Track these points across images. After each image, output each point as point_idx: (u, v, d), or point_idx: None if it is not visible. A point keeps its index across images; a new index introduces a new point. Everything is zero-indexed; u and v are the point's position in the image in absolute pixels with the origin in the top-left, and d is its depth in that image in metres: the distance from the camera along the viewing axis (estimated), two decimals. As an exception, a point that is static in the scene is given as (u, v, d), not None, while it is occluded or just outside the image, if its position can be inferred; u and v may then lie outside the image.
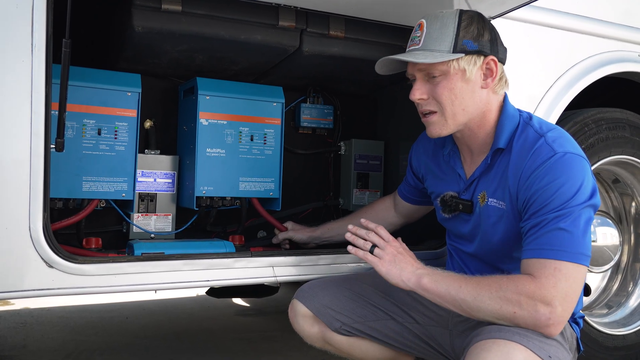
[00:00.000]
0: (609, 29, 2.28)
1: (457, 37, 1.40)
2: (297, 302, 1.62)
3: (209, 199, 1.94)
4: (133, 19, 1.63)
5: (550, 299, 1.23)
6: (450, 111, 1.44)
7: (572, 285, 1.25)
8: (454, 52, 1.40)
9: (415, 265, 1.45)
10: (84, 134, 1.74)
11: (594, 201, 1.32)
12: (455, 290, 1.33)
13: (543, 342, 1.25)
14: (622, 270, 2.54)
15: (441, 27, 1.42)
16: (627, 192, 2.53)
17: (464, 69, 1.42)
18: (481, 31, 1.44)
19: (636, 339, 2.33)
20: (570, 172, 1.33)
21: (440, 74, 1.42)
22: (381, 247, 1.49)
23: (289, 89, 2.22)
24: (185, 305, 3.53)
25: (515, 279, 1.29)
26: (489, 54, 1.44)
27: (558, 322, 1.25)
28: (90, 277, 1.43)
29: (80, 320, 3.07)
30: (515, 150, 1.43)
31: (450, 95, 1.43)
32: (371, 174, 2.33)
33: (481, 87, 1.46)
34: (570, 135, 1.44)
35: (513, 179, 1.41)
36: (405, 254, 1.49)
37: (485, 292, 1.29)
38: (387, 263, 1.46)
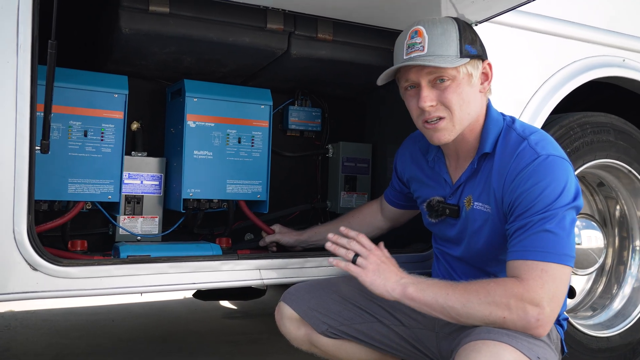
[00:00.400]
0: (595, 34, 2.31)
1: (461, 41, 1.42)
2: (283, 305, 1.62)
3: (196, 202, 1.93)
4: (120, 21, 1.62)
5: (539, 300, 1.25)
6: (458, 116, 1.44)
7: (558, 286, 1.27)
8: (461, 56, 1.41)
9: (399, 274, 1.43)
10: (70, 136, 1.73)
11: (577, 203, 1.35)
12: (443, 298, 1.32)
13: (531, 343, 1.27)
14: (606, 272, 2.57)
15: (443, 32, 1.42)
16: (611, 196, 2.56)
17: (471, 73, 1.44)
18: (474, 37, 1.47)
19: (620, 341, 2.35)
20: (553, 174, 1.35)
21: (449, 78, 1.42)
22: (364, 257, 1.46)
23: (277, 91, 2.23)
24: (173, 307, 3.51)
25: (502, 283, 1.29)
26: (485, 58, 1.48)
27: (547, 322, 1.26)
28: (75, 279, 1.42)
29: (66, 323, 3.04)
30: (499, 154, 1.44)
31: (459, 100, 1.43)
32: (359, 177, 2.34)
33: (479, 92, 1.48)
34: (552, 138, 1.46)
35: (497, 182, 1.42)
36: (388, 262, 1.46)
37: (473, 298, 1.29)
38: (371, 273, 1.43)
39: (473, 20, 1.82)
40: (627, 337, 2.37)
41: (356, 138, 2.42)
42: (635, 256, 2.52)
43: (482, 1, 1.68)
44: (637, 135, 2.41)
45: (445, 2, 1.71)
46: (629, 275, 2.51)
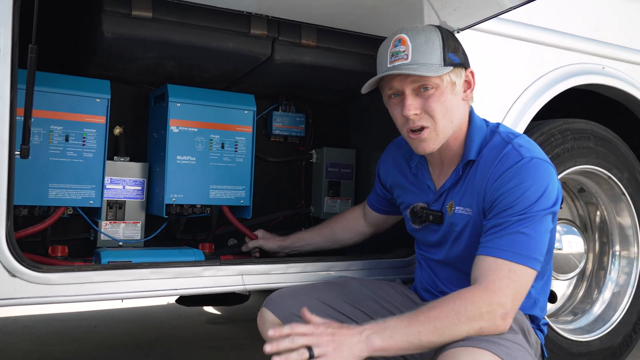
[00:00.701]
0: (575, 42, 2.34)
1: (444, 50, 1.43)
2: (265, 311, 1.61)
3: (179, 207, 1.92)
4: (103, 25, 1.62)
5: (504, 299, 1.28)
6: (441, 125, 1.45)
7: (523, 286, 1.31)
8: (444, 65, 1.42)
9: (356, 331, 1.27)
10: (51, 141, 1.71)
11: (555, 208, 1.38)
12: (416, 337, 1.25)
13: (510, 349, 1.27)
14: (587, 277, 2.59)
15: (426, 41, 1.43)
16: (592, 201, 2.59)
17: (454, 82, 1.45)
18: (457, 45, 1.48)
19: (600, 345, 2.38)
20: (535, 176, 1.37)
21: (433, 87, 1.42)
22: (315, 344, 1.24)
23: (261, 96, 2.23)
24: (156, 313, 3.48)
25: (468, 296, 1.28)
26: (468, 66, 1.49)
27: (510, 317, 1.30)
28: (54, 286, 1.41)
29: (47, 329, 3.01)
30: (484, 158, 1.46)
31: (442, 108, 1.43)
32: (342, 182, 2.34)
33: (462, 99, 1.49)
34: (535, 143, 1.49)
35: (480, 183, 1.44)
36: (337, 329, 1.28)
37: (446, 324, 1.25)
38: (335, 353, 1.23)
39: (455, 27, 1.84)
40: (607, 342, 2.40)
41: (340, 143, 2.43)
42: (615, 261, 2.55)
43: (464, 9, 1.70)
44: (617, 142, 2.45)
45: (428, 10, 1.72)
46: (609, 280, 2.54)
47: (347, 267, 1.83)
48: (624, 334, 2.45)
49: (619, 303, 2.49)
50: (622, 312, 2.46)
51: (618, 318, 2.45)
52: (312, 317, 1.32)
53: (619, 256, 2.56)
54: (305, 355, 1.23)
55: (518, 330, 1.39)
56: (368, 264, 1.87)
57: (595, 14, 2.44)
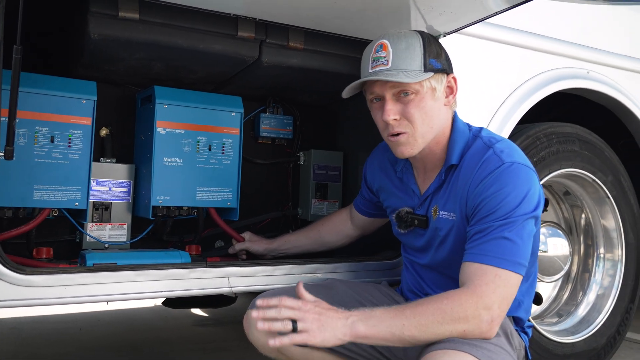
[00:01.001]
0: (560, 46, 2.37)
1: (425, 56, 1.43)
2: (252, 313, 1.61)
3: (165, 209, 1.92)
4: (89, 26, 1.61)
5: (491, 304, 1.29)
6: (420, 130, 1.46)
7: (509, 291, 1.32)
8: (424, 71, 1.43)
9: (342, 315, 1.30)
10: (36, 142, 1.70)
11: (537, 212, 1.39)
12: (399, 329, 1.27)
13: (491, 351, 1.29)
14: (572, 280, 2.62)
15: (407, 46, 1.44)
16: (577, 204, 2.62)
17: (435, 88, 1.45)
18: (440, 51, 1.49)
19: (584, 346, 2.40)
20: (516, 181, 1.38)
21: (413, 92, 1.44)
22: (301, 319, 1.29)
23: (249, 98, 2.23)
24: (143, 315, 3.47)
25: (455, 297, 1.30)
26: (450, 72, 1.50)
27: (497, 323, 1.31)
28: (38, 288, 1.40)
29: (33, 331, 2.99)
30: (466, 163, 1.47)
31: (421, 114, 1.45)
32: (330, 185, 2.35)
33: (444, 105, 1.50)
34: (518, 147, 1.50)
35: (463, 189, 1.45)
36: (325, 310, 1.31)
37: (431, 321, 1.27)
38: (318, 331, 1.27)
39: (442, 31, 1.85)
40: (591, 343, 2.42)
41: (327, 146, 2.44)
42: (600, 264, 2.58)
43: (450, 13, 1.72)
44: (601, 145, 2.47)
45: (415, 13, 1.73)
46: (594, 282, 2.57)
47: (333, 269, 1.83)
48: (608, 335, 2.47)
49: (603, 305, 2.52)
50: (606, 313, 2.49)
51: (602, 320, 2.48)
52: (304, 293, 1.36)
53: (604, 258, 2.59)
54: (289, 327, 1.27)
55: (501, 333, 1.40)
56: (354, 267, 1.87)
57: (581, 19, 2.47)
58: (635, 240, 2.58)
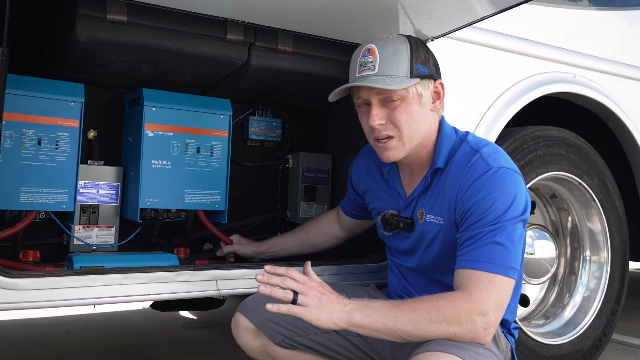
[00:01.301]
0: (547, 51, 2.39)
1: (411, 62, 1.44)
2: (239, 316, 1.61)
3: (153, 211, 1.91)
4: (77, 28, 1.60)
5: (486, 310, 1.29)
6: (407, 135, 1.47)
7: (503, 296, 1.33)
8: (411, 77, 1.44)
9: (342, 302, 1.34)
10: (23, 144, 1.69)
11: (525, 216, 1.40)
12: (393, 321, 1.29)
13: (479, 354, 1.30)
14: (558, 282, 2.64)
15: (395, 52, 1.44)
16: (563, 207, 2.64)
17: (421, 94, 1.46)
18: (427, 56, 1.49)
19: (571, 348, 2.42)
20: (504, 186, 1.39)
21: (399, 98, 1.44)
22: (303, 293, 1.33)
23: (238, 101, 2.23)
24: (131, 318, 3.45)
25: (451, 299, 1.31)
26: (437, 77, 1.50)
27: (492, 330, 1.31)
28: (25, 291, 1.39)
29: (20, 335, 2.96)
30: (453, 167, 1.48)
31: (408, 119, 1.46)
32: (319, 187, 2.35)
33: (431, 110, 1.50)
34: (504, 151, 1.51)
35: (451, 194, 1.46)
36: (328, 292, 1.36)
37: (424, 318, 1.28)
38: (315, 309, 1.31)
39: (429, 35, 1.86)
40: (578, 345, 2.45)
41: (316, 149, 2.44)
42: (586, 266, 2.61)
43: (438, 17, 1.73)
44: (587, 149, 2.50)
45: (403, 18, 1.74)
46: (580, 285, 2.59)
47: (321, 272, 1.83)
48: (594, 337, 2.50)
49: (589, 307, 2.54)
50: (592, 315, 2.52)
51: (588, 322, 2.50)
52: (311, 272, 1.41)
53: (590, 261, 2.61)
54: (290, 297, 1.32)
55: (488, 335, 1.41)
56: (342, 269, 1.88)
57: (567, 24, 2.50)
58: (621, 242, 2.61)
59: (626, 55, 2.69)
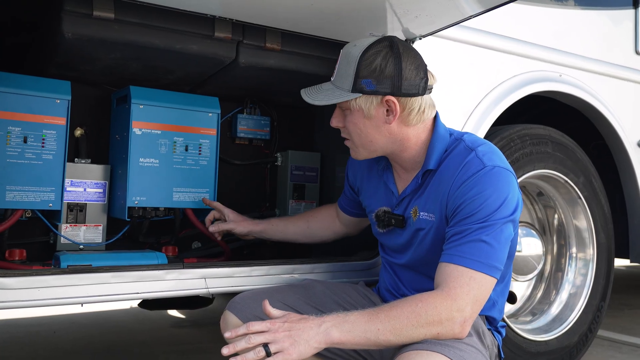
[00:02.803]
0: (533, 50, 2.41)
1: (356, 77, 1.44)
2: (228, 313, 1.61)
3: (141, 210, 1.90)
4: (63, 25, 1.59)
5: (464, 305, 1.31)
6: (358, 142, 1.53)
7: (482, 293, 1.34)
8: (352, 91, 1.45)
9: (314, 324, 1.28)
10: (9, 142, 1.67)
11: (515, 216, 1.41)
12: (374, 334, 1.26)
13: (463, 351, 1.30)
14: (545, 279, 2.67)
15: (346, 64, 1.47)
16: (550, 205, 2.66)
17: (361, 108, 1.47)
18: (384, 68, 1.43)
19: (557, 344, 2.45)
20: (497, 185, 1.40)
21: (347, 108, 1.50)
22: (271, 341, 1.25)
23: (226, 99, 2.22)
24: (118, 317, 3.43)
25: (429, 300, 1.30)
26: (388, 93, 1.43)
27: (469, 324, 1.33)
28: (10, 290, 1.38)
29: (5, 335, 2.94)
30: (447, 166, 1.49)
31: (355, 129, 1.51)
32: (307, 185, 2.35)
33: (385, 122, 1.48)
34: (500, 151, 1.52)
35: (443, 190, 1.47)
36: (295, 322, 1.28)
37: (405, 325, 1.27)
38: (292, 347, 1.24)
39: (417, 34, 1.87)
40: (564, 341, 2.47)
41: (305, 147, 2.44)
42: (572, 263, 2.63)
43: (426, 16, 1.74)
44: (573, 147, 2.53)
45: (391, 16, 1.75)
46: (566, 282, 2.62)
47: (311, 269, 1.84)
48: (580, 333, 2.53)
49: (575, 303, 2.57)
50: (578, 312, 2.54)
51: (575, 318, 2.53)
52: (271, 311, 1.34)
53: (576, 258, 2.64)
54: (262, 354, 1.23)
55: (473, 332, 1.41)
56: (332, 267, 1.88)
57: (554, 23, 2.52)
58: (606, 240, 2.64)
59: (612, 54, 2.72)
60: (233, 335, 1.29)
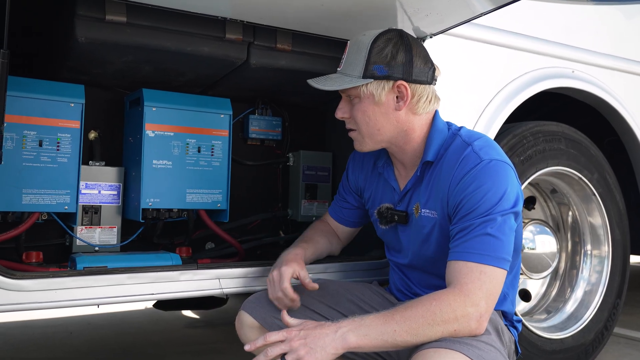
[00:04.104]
0: (546, 46, 2.40)
1: (367, 62, 1.45)
2: (243, 313, 1.62)
3: (155, 211, 1.92)
4: (76, 30, 1.61)
5: (478, 300, 1.30)
6: (365, 131, 1.52)
7: (495, 286, 1.34)
8: (363, 77, 1.46)
9: (330, 330, 1.28)
10: (25, 146, 1.69)
11: (517, 208, 1.41)
12: (391, 335, 1.27)
13: (482, 350, 1.30)
14: (560, 276, 2.65)
15: (356, 51, 1.48)
16: (564, 202, 2.65)
17: (373, 94, 1.47)
18: (395, 54, 1.45)
19: (573, 342, 2.43)
20: (495, 178, 1.40)
21: (356, 96, 1.50)
22: (288, 350, 1.26)
23: (238, 100, 2.23)
24: (133, 318, 3.46)
25: (443, 298, 1.30)
26: (400, 78, 1.46)
27: (485, 319, 1.32)
28: (29, 292, 1.40)
29: (22, 336, 2.97)
30: (445, 161, 1.49)
31: (364, 117, 1.50)
32: (319, 185, 2.36)
33: (395, 110, 1.49)
34: (496, 144, 1.52)
35: (443, 187, 1.47)
36: (311, 330, 1.29)
37: (422, 324, 1.27)
38: (307, 355, 1.24)
39: (428, 32, 1.87)
40: (580, 339, 2.45)
41: (316, 146, 2.44)
42: (587, 260, 2.61)
43: (436, 14, 1.73)
44: (587, 143, 2.51)
45: (401, 15, 1.75)
46: (581, 279, 2.60)
47: (324, 269, 1.84)
48: (595, 331, 2.51)
49: (591, 301, 2.55)
50: (594, 309, 2.52)
51: (590, 315, 2.51)
52: (288, 320, 1.35)
53: (591, 255, 2.62)
54: None
55: (492, 330, 1.41)
56: (344, 267, 1.89)
57: (566, 19, 2.50)
58: (622, 236, 2.61)
59: (625, 49, 2.69)
60: (252, 348, 1.32)
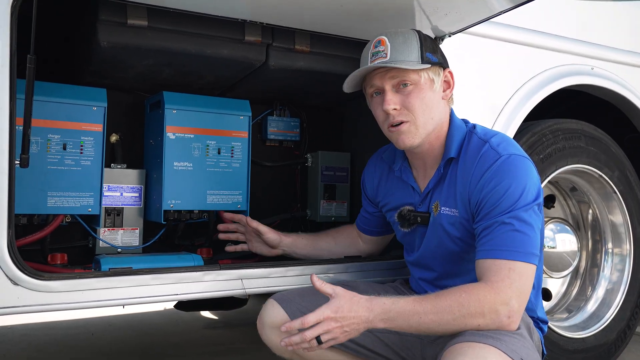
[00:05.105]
0: (564, 43, 2.38)
1: (421, 49, 1.48)
2: (274, 304, 1.61)
3: (176, 213, 1.94)
4: (98, 34, 1.63)
5: (508, 299, 1.30)
6: (421, 120, 1.49)
7: (525, 283, 1.33)
8: (422, 63, 1.47)
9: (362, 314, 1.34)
10: (49, 149, 1.72)
11: (539, 200, 1.41)
12: (416, 322, 1.31)
13: (516, 345, 1.29)
14: (580, 275, 2.63)
15: (404, 40, 1.48)
16: (584, 200, 2.63)
17: (433, 79, 1.49)
18: (435, 47, 1.53)
19: (595, 341, 2.41)
20: (515, 173, 1.41)
21: (412, 83, 1.48)
22: (323, 332, 1.34)
23: (256, 102, 2.25)
24: (153, 319, 3.49)
25: (474, 292, 1.31)
26: (447, 66, 1.54)
27: (517, 317, 1.32)
28: (56, 293, 1.42)
29: (45, 337, 3.01)
30: (463, 158, 1.50)
31: (421, 104, 1.48)
32: (338, 185, 2.36)
33: (442, 98, 1.53)
34: (512, 139, 1.52)
35: (463, 185, 1.47)
36: (345, 313, 1.34)
37: (447, 315, 1.29)
38: (342, 336, 1.35)
39: (447, 31, 1.87)
40: (602, 338, 2.43)
41: (334, 147, 2.45)
42: (608, 259, 2.59)
43: (455, 13, 1.73)
44: (607, 141, 2.48)
45: (420, 15, 1.75)
46: (602, 278, 2.58)
47: (345, 269, 1.85)
48: (618, 330, 2.48)
49: (612, 300, 2.53)
50: (615, 308, 2.50)
51: (612, 315, 2.49)
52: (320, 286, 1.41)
53: (612, 253, 2.60)
54: (315, 344, 1.35)
55: (523, 327, 1.40)
56: (366, 266, 1.89)
57: (584, 16, 2.48)
58: (643, 234, 2.59)
59: (644, 45, 2.66)
60: (288, 327, 1.37)
